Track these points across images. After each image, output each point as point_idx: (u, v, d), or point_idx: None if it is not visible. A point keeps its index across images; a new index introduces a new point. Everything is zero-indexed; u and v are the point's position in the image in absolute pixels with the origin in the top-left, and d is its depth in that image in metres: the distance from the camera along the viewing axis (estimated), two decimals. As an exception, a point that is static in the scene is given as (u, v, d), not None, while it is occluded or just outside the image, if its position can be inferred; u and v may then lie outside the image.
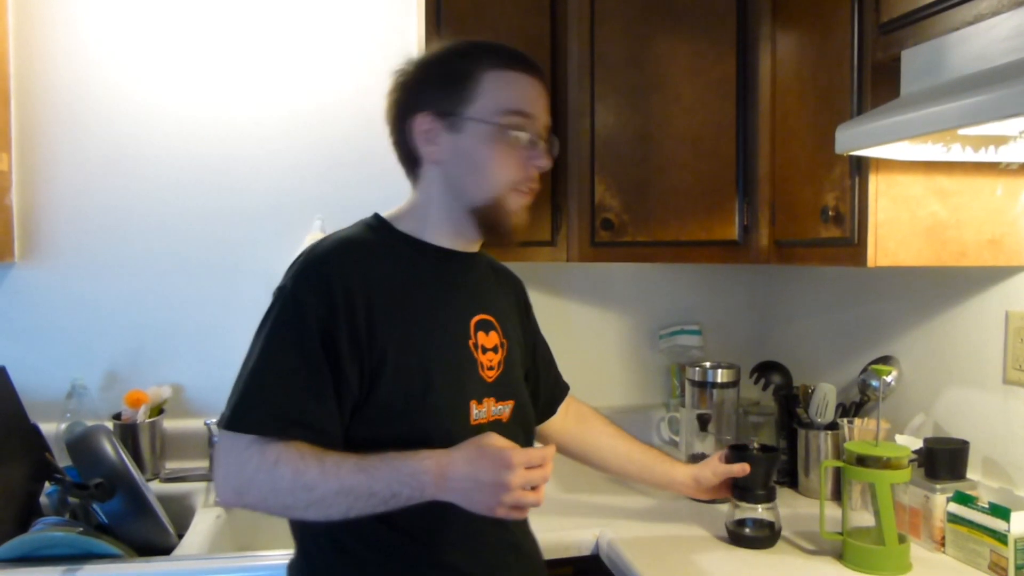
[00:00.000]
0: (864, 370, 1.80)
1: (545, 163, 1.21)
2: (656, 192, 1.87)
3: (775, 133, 1.74)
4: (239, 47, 2.09)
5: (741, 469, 1.51)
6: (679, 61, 1.84)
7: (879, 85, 1.41)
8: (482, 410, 1.20)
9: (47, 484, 1.67)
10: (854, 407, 1.81)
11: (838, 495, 1.72)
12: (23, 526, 1.55)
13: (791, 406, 1.89)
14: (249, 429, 1.07)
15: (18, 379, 1.73)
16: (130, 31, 2.05)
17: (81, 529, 1.49)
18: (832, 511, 1.56)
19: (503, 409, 1.24)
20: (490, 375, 1.23)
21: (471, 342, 1.21)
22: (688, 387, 1.87)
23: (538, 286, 2.31)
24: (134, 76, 2.05)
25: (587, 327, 2.35)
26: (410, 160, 1.24)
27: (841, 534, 1.47)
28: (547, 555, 1.59)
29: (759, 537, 1.52)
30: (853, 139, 1.27)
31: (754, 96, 1.78)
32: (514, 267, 2.26)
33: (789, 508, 1.67)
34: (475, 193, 1.19)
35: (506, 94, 1.18)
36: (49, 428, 1.84)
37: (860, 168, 1.44)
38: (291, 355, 1.09)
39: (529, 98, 1.20)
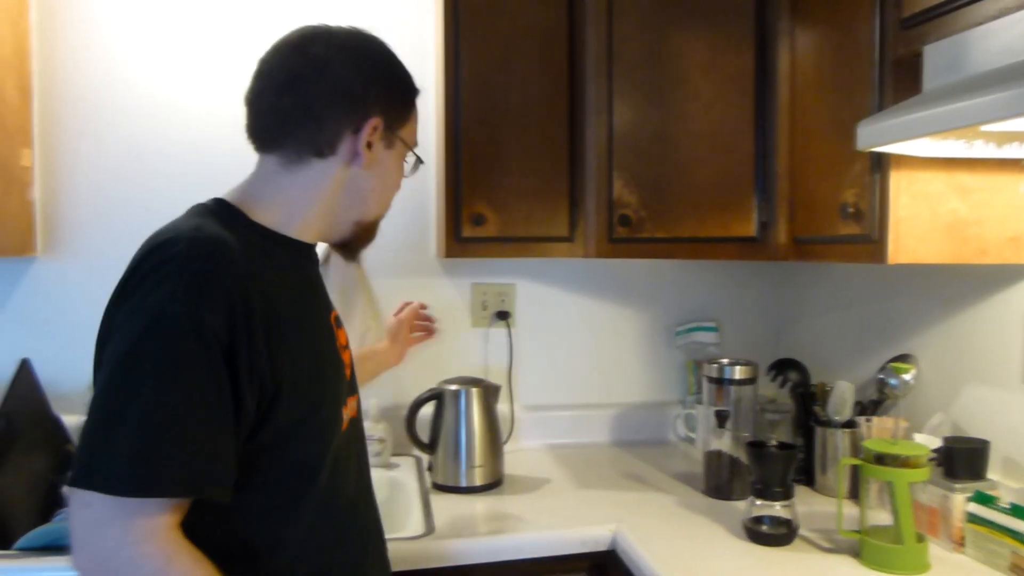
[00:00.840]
0: (882, 368, 1.78)
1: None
2: (674, 188, 1.86)
3: (794, 129, 1.73)
4: (255, 43, 2.07)
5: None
6: (697, 56, 1.83)
7: (900, 80, 1.39)
8: (346, 413, 1.15)
9: (69, 475, 1.70)
10: (872, 405, 1.79)
11: (855, 494, 1.71)
12: (45, 516, 1.57)
13: (808, 404, 1.88)
14: (160, 492, 0.88)
15: (40, 371, 1.75)
16: (149, 29, 2.06)
17: (102, 520, 1.50)
18: (848, 509, 1.56)
19: (355, 405, 1.21)
20: (348, 374, 1.19)
21: (337, 343, 1.16)
22: (705, 384, 1.86)
23: (555, 282, 2.32)
24: (153, 73, 2.07)
25: (603, 323, 2.35)
26: (313, 146, 1.08)
27: (859, 532, 1.46)
28: (562, 551, 1.61)
29: (776, 535, 1.52)
30: (874, 135, 1.26)
31: (773, 92, 1.77)
32: (530, 263, 2.28)
33: (806, 506, 1.66)
34: (372, 210, 1.16)
35: (416, 127, 1.19)
36: (71, 420, 1.86)
37: (880, 164, 1.42)
38: (203, 393, 0.90)
39: None
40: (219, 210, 1.07)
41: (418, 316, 1.79)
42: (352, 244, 1.19)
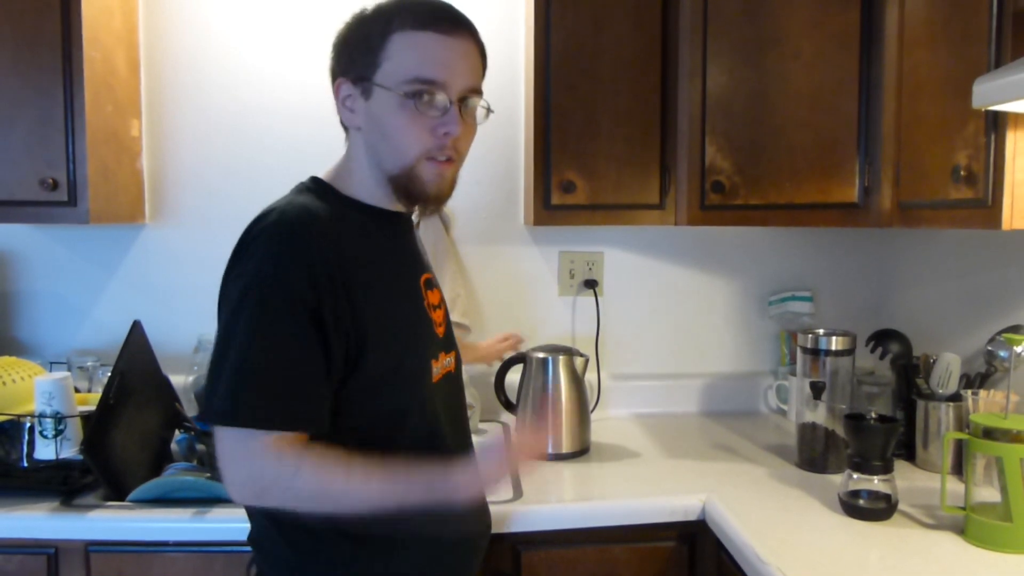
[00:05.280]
0: (992, 340, 1.70)
1: (455, 130, 1.13)
2: (771, 153, 1.80)
3: (902, 88, 1.64)
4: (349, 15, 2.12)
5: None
6: (798, 13, 1.76)
7: (1021, 34, 1.31)
8: (438, 366, 1.24)
9: (177, 432, 1.79)
10: (979, 378, 1.72)
11: (957, 470, 1.65)
12: (156, 470, 1.66)
13: (910, 376, 1.81)
14: (256, 424, 1.04)
15: (150, 333, 1.83)
16: (248, 2, 2.11)
17: (209, 475, 1.58)
18: (952, 486, 1.50)
19: (451, 361, 1.30)
20: (440, 331, 1.28)
21: (425, 303, 1.25)
22: (800, 355, 1.81)
23: (644, 250, 2.29)
24: (251, 46, 2.12)
25: (693, 292, 2.31)
26: (343, 122, 1.22)
27: (963, 509, 1.40)
28: (650, 519, 1.60)
29: (875, 509, 1.47)
30: (992, 92, 1.19)
31: (879, 49, 1.68)
32: (619, 231, 2.26)
33: (906, 481, 1.60)
34: (390, 161, 1.16)
35: (412, 59, 1.11)
36: (178, 380, 1.95)
37: (997, 124, 1.34)
38: (287, 341, 1.05)
39: (439, 62, 1.11)
40: (314, 186, 1.20)
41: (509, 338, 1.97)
42: (405, 199, 1.21)
